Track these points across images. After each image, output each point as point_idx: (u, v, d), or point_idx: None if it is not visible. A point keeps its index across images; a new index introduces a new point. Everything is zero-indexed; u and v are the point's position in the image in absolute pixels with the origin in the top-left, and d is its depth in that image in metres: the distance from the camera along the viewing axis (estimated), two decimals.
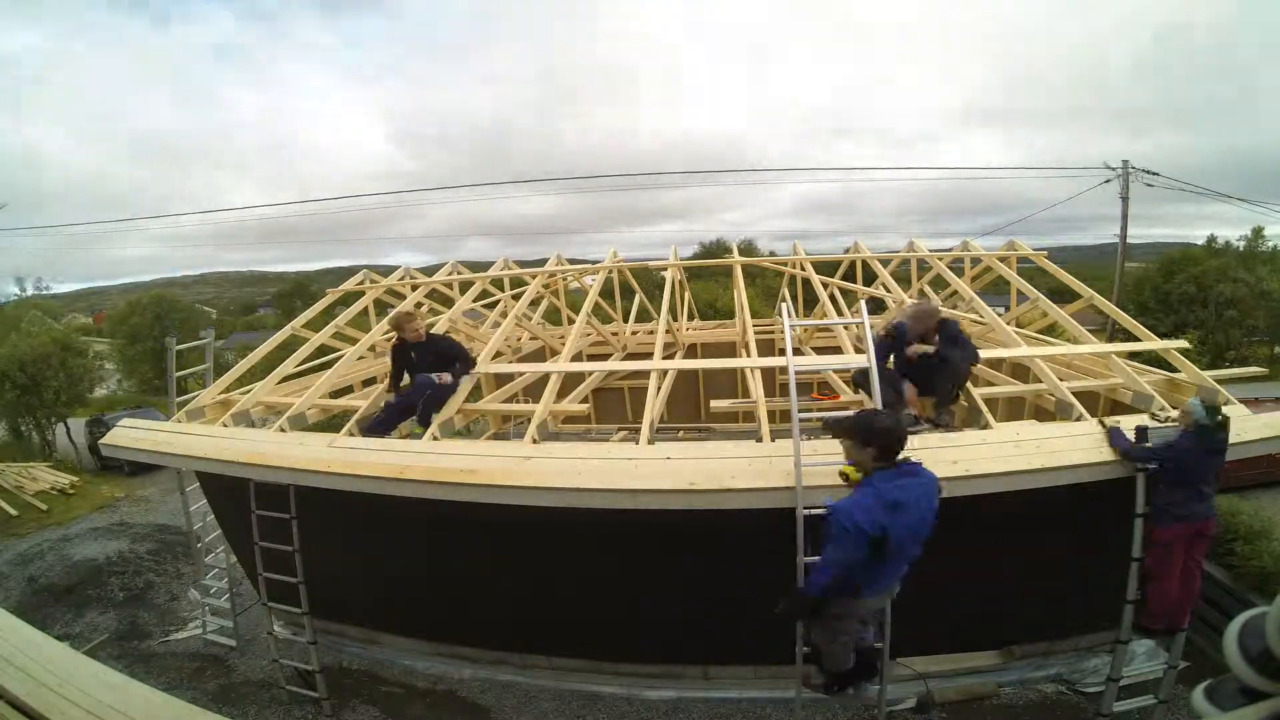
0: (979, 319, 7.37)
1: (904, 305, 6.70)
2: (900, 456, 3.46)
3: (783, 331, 5.16)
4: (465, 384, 6.15)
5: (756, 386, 6.50)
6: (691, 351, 10.99)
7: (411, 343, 5.99)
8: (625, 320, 11.80)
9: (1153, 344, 6.14)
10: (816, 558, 4.08)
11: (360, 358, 7.81)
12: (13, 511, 11.62)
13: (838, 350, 7.94)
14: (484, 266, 11.18)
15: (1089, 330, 6.50)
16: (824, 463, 4.35)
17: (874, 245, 9.85)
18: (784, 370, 4.63)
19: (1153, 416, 4.77)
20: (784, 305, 5.44)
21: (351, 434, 5.65)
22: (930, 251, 9.05)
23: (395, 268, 10.62)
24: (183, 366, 7.47)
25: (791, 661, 4.33)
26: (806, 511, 4.11)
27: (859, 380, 5.29)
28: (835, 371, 6.57)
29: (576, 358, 10.17)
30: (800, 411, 4.33)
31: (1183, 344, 6.12)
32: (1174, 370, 5.89)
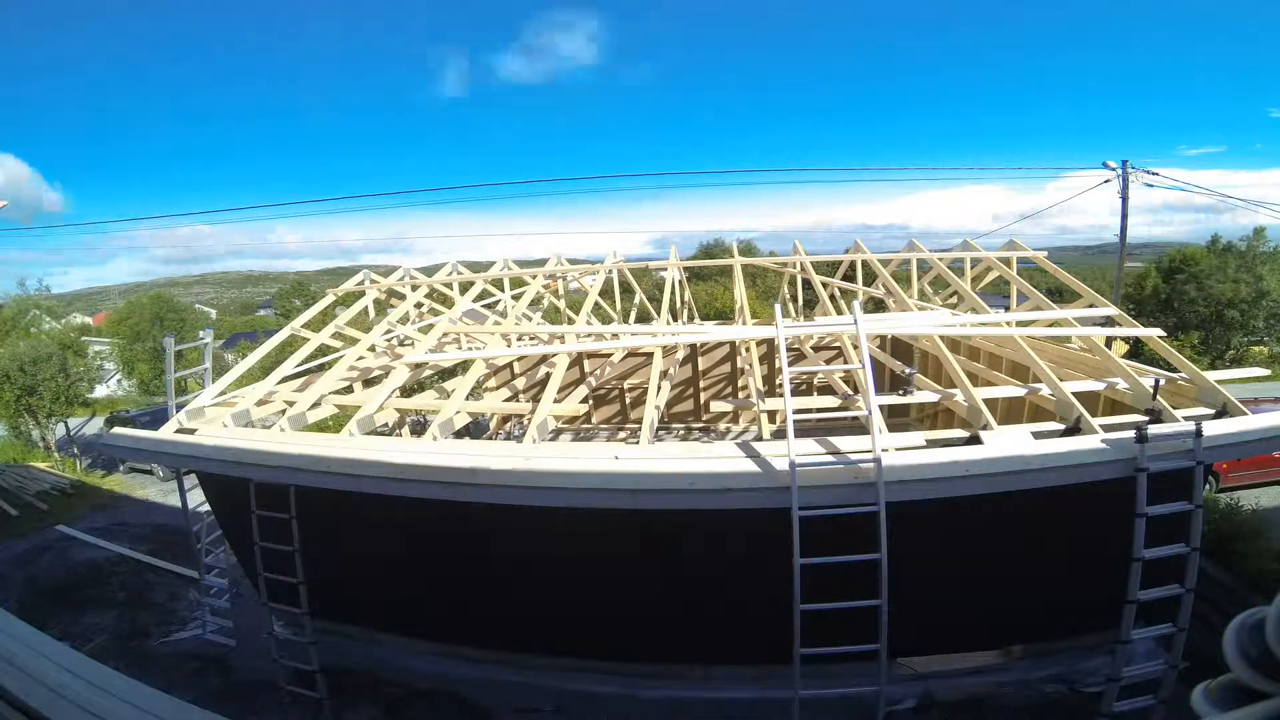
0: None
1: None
2: None
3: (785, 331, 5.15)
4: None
5: (755, 380, 6.49)
6: (692, 352, 10.99)
7: None
8: (625, 320, 11.82)
9: (1134, 330, 6.26)
10: (813, 559, 4.09)
11: (360, 358, 7.81)
12: (13, 511, 11.62)
13: (839, 350, 7.95)
14: (485, 266, 11.20)
15: (1091, 332, 6.50)
16: (820, 463, 4.36)
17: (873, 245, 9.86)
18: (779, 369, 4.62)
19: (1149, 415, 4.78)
20: (778, 307, 5.41)
21: (351, 434, 5.65)
22: (930, 251, 9.06)
23: (395, 268, 10.63)
24: (182, 367, 7.47)
25: (790, 661, 4.33)
26: (802, 513, 4.11)
27: None
28: (839, 375, 6.57)
29: (576, 360, 10.17)
30: (797, 412, 4.33)
31: (1158, 331, 6.27)
32: (1174, 370, 5.90)
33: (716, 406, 9.04)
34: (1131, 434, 4.35)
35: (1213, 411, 5.10)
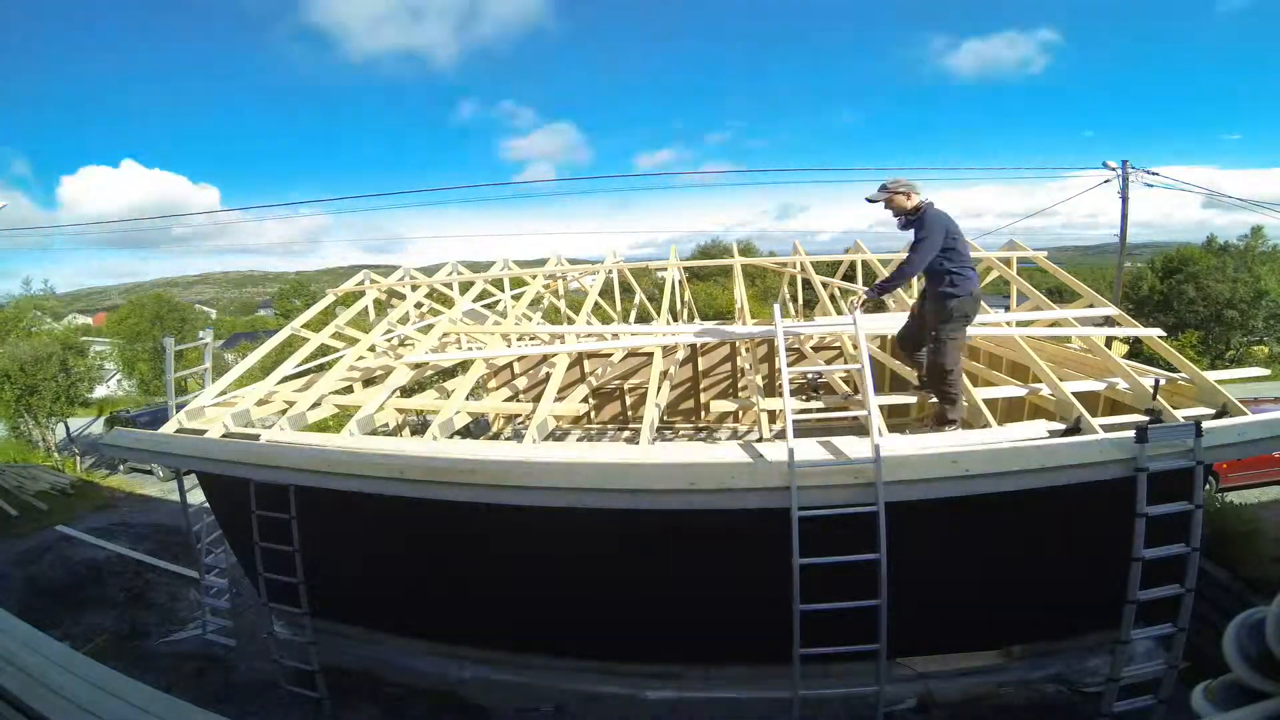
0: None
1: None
2: None
3: (786, 330, 5.16)
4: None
5: (755, 380, 6.50)
6: (692, 352, 10.99)
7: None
8: (625, 320, 11.82)
9: (1134, 330, 6.27)
10: (812, 559, 4.09)
11: (360, 358, 7.81)
12: (13, 511, 11.62)
13: (840, 350, 7.96)
14: (485, 266, 11.20)
15: (1091, 332, 6.50)
16: (819, 463, 4.36)
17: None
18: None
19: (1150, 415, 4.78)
20: (777, 307, 5.43)
21: (352, 434, 5.65)
22: None
23: (395, 268, 10.64)
24: (182, 367, 7.48)
25: (790, 661, 4.33)
26: (801, 513, 4.11)
27: None
28: (840, 375, 6.58)
29: (576, 360, 10.17)
30: (797, 412, 4.33)
31: (1158, 331, 6.29)
32: (1174, 370, 5.90)
33: (717, 406, 9.04)
34: (1131, 434, 4.36)
35: (1213, 411, 5.10)
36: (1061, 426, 5.02)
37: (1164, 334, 6.30)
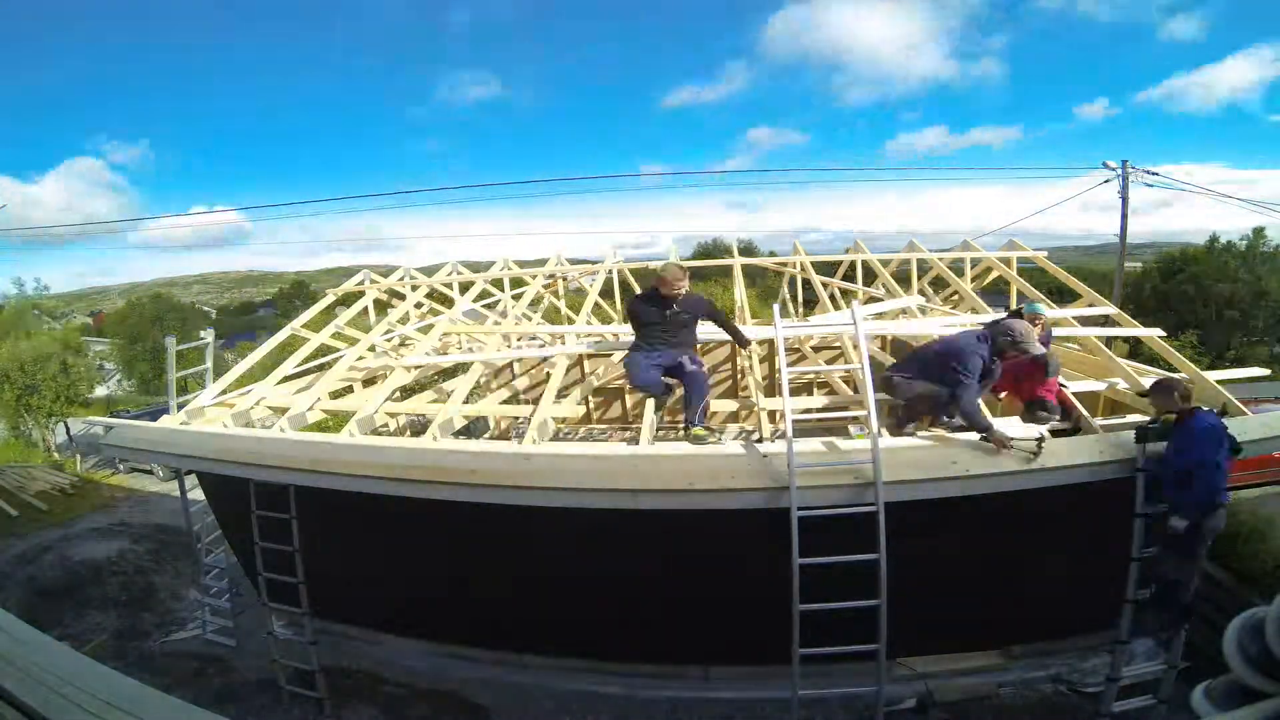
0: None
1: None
2: None
3: (786, 330, 5.16)
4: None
5: (754, 379, 6.50)
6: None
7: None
8: (625, 320, 11.79)
9: (1134, 330, 6.28)
10: (812, 559, 4.09)
11: (360, 358, 7.81)
12: (13, 512, 11.61)
13: (840, 350, 7.95)
14: (485, 266, 11.21)
15: (1092, 331, 6.50)
16: (819, 463, 4.36)
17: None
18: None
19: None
20: (776, 308, 5.45)
21: (352, 434, 5.65)
22: (930, 252, 9.06)
23: (395, 268, 10.64)
24: (183, 367, 7.47)
25: (789, 661, 4.33)
26: (801, 513, 4.11)
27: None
28: (840, 375, 6.58)
29: (576, 360, 10.17)
30: (798, 413, 4.33)
31: (1158, 331, 6.29)
32: (1174, 370, 5.90)
33: (717, 406, 9.04)
34: (1131, 434, 4.36)
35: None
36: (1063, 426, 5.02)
37: (1164, 334, 6.29)
